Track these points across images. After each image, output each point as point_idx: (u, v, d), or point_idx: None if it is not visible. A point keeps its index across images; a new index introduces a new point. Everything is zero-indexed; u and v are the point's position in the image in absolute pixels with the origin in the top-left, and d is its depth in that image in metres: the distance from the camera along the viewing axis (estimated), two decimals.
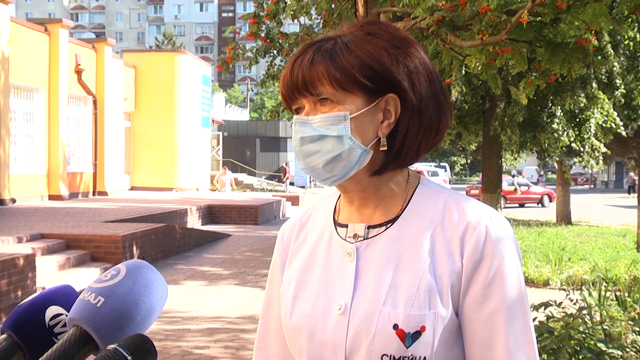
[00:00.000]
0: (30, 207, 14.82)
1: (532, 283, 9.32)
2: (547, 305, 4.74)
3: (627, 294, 6.41)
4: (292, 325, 1.19)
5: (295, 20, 7.12)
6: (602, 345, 4.33)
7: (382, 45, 1.13)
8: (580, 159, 14.41)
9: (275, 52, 8.81)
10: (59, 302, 0.86)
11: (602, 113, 12.21)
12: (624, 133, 13.20)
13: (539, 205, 30.77)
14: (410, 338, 1.08)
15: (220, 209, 17.31)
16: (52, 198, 17.09)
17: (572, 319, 4.63)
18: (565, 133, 12.46)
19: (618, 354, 4.36)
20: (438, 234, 1.13)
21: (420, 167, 36.92)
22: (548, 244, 13.32)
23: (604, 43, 8.71)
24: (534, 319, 3.87)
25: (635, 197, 13.88)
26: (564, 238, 14.97)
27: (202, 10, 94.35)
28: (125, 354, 0.75)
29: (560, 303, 5.23)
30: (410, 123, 1.15)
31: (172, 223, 13.09)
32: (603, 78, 11.48)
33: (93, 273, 8.82)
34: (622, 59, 11.57)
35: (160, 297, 0.84)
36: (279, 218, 19.81)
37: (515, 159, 22.68)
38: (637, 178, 17.11)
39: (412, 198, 1.18)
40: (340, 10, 6.12)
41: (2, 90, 14.87)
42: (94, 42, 21.04)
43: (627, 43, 11.47)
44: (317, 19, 8.03)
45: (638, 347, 4.92)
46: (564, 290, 7.67)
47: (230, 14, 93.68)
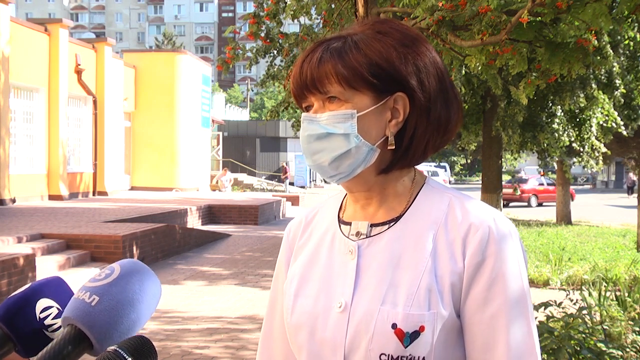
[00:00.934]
0: (30, 207, 14.82)
1: (532, 283, 9.32)
2: (547, 305, 4.74)
3: (627, 294, 6.41)
4: (292, 323, 1.19)
5: (295, 20, 7.11)
6: (602, 345, 4.33)
7: (391, 44, 1.13)
8: (580, 159, 14.41)
9: (275, 52, 8.81)
10: (50, 294, 0.87)
11: (602, 113, 12.21)
12: (624, 133, 13.20)
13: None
14: (409, 338, 1.07)
15: (220, 209, 17.31)
16: (52, 198, 17.09)
17: (572, 319, 4.63)
18: (566, 133, 12.46)
19: (618, 354, 4.36)
20: (441, 235, 1.13)
21: (420, 167, 36.89)
22: (548, 244, 13.33)
23: (604, 43, 8.71)
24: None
25: (635, 197, 13.87)
26: (564, 238, 14.98)
27: (202, 10, 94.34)
28: (126, 356, 0.75)
29: (560, 303, 5.23)
30: (419, 122, 1.14)
31: (172, 223, 13.09)
32: (603, 78, 11.48)
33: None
34: (622, 59, 11.57)
35: (154, 295, 0.85)
36: (279, 218, 19.81)
37: (516, 159, 22.67)
38: (636, 178, 17.11)
39: (416, 198, 1.18)
40: (340, 10, 6.12)
41: (2, 90, 14.87)
42: (94, 42, 21.04)
43: (627, 43, 11.46)
44: (317, 19, 8.02)
45: (638, 347, 4.92)
46: (564, 290, 7.67)
47: (230, 14, 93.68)
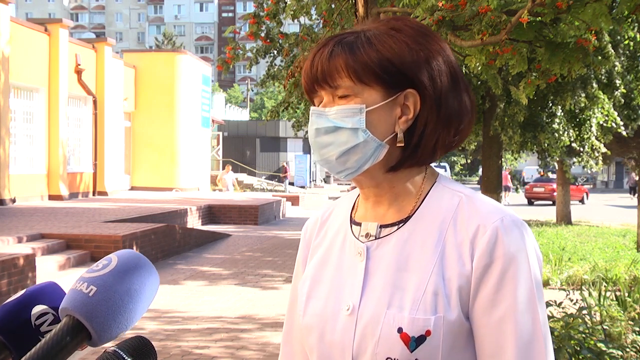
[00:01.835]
0: (30, 207, 14.82)
1: None
2: (547, 305, 4.74)
3: (627, 294, 6.41)
4: (304, 324, 1.19)
5: (295, 20, 7.11)
6: (602, 345, 4.34)
7: (404, 41, 1.12)
8: (580, 159, 14.41)
9: (276, 52, 8.81)
10: (45, 300, 0.86)
11: (602, 113, 12.20)
12: (624, 133, 13.20)
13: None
14: (415, 342, 1.06)
15: (220, 209, 17.31)
16: (52, 198, 17.09)
17: (572, 319, 4.64)
18: (566, 133, 12.46)
19: (618, 354, 4.36)
20: (449, 236, 1.11)
21: None
22: (548, 244, 13.32)
23: (604, 43, 8.70)
24: None
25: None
26: (564, 238, 14.98)
27: (202, 10, 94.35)
28: (125, 357, 0.75)
29: (560, 303, 5.23)
30: (429, 120, 1.13)
31: (172, 223, 13.09)
32: (603, 78, 11.48)
33: None
34: (622, 59, 11.57)
35: (152, 286, 0.84)
36: (279, 218, 19.81)
37: (516, 159, 22.66)
38: (638, 178, 17.11)
39: (426, 197, 1.16)
40: (340, 10, 6.12)
41: (2, 90, 14.87)
42: (94, 42, 21.05)
43: (627, 43, 11.46)
44: (317, 19, 8.02)
45: (638, 347, 4.93)
46: (564, 290, 7.67)
47: (230, 14, 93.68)
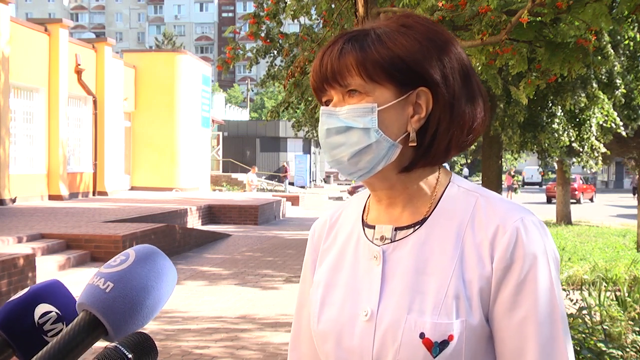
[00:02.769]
0: (30, 207, 14.82)
1: None
2: None
3: (627, 294, 6.41)
4: (319, 331, 1.16)
5: (295, 20, 7.11)
6: (602, 345, 4.34)
7: (415, 38, 1.10)
8: (580, 159, 14.40)
9: (276, 52, 8.82)
10: (48, 299, 0.86)
11: (602, 113, 12.20)
12: (624, 133, 13.19)
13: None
14: (438, 348, 1.04)
15: (220, 209, 17.31)
16: (52, 198, 17.09)
17: (572, 319, 4.64)
18: (566, 133, 12.46)
19: (618, 354, 4.36)
20: (468, 237, 1.08)
21: None
22: None
23: (604, 43, 8.71)
24: None
25: None
26: (564, 238, 14.98)
27: (202, 10, 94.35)
28: (126, 352, 0.75)
29: None
30: (442, 119, 1.10)
31: (172, 223, 13.09)
32: (603, 78, 11.48)
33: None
34: (622, 59, 11.57)
35: (170, 282, 0.84)
36: (279, 218, 19.81)
37: (516, 159, 22.67)
38: (638, 178, 17.11)
39: (441, 198, 1.13)
40: (340, 10, 6.12)
41: (2, 90, 14.87)
42: (94, 42, 21.05)
43: (627, 43, 11.46)
44: (317, 19, 8.03)
45: (638, 347, 4.93)
46: (564, 290, 7.67)
47: (230, 14, 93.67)
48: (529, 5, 4.45)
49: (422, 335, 1.04)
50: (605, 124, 12.39)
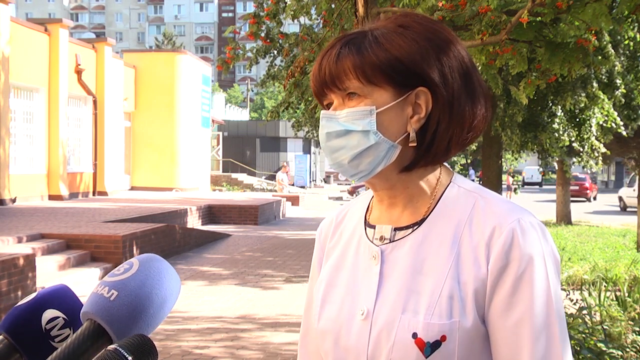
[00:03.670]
0: (30, 207, 14.82)
1: None
2: None
3: (627, 294, 6.41)
4: (319, 329, 1.18)
5: (295, 20, 7.11)
6: (602, 345, 4.34)
7: (413, 38, 1.10)
8: (580, 159, 14.40)
9: (276, 52, 8.82)
10: (56, 305, 0.86)
11: (602, 113, 12.20)
12: (624, 133, 13.19)
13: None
14: (430, 348, 1.04)
15: (220, 209, 17.31)
16: (52, 198, 17.09)
17: (572, 319, 4.64)
18: (566, 133, 12.46)
19: (618, 354, 4.36)
20: (465, 238, 1.08)
21: None
22: None
23: (604, 43, 8.71)
24: None
25: None
26: (564, 238, 14.98)
27: (202, 10, 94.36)
28: (126, 354, 0.75)
29: None
30: (441, 118, 1.10)
31: (172, 223, 13.09)
32: (603, 78, 11.48)
33: (93, 273, 8.82)
34: (622, 59, 11.57)
35: (173, 290, 0.84)
36: (279, 218, 19.81)
37: (516, 159, 22.68)
38: (638, 178, 17.11)
39: (440, 198, 1.14)
40: (340, 10, 6.12)
41: (2, 90, 14.87)
42: (94, 42, 21.04)
43: (627, 43, 11.46)
44: (317, 19, 8.02)
45: (638, 347, 4.93)
46: (564, 290, 7.67)
47: (230, 14, 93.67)
48: (529, 5, 4.45)
49: (414, 335, 1.05)
50: (606, 124, 12.39)
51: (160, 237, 10.88)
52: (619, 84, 11.55)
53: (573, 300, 5.64)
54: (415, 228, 1.12)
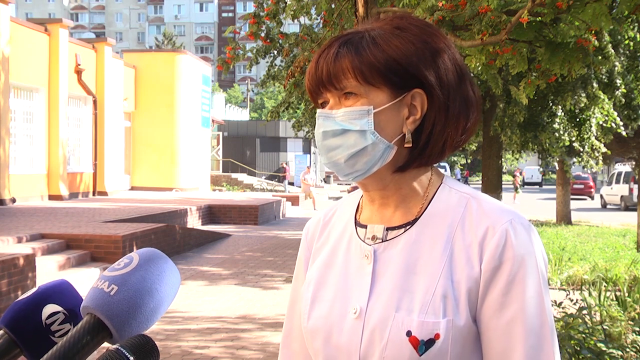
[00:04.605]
0: (30, 207, 14.82)
1: None
2: None
3: (627, 294, 6.41)
4: (309, 328, 1.18)
5: (295, 20, 7.11)
6: (602, 345, 4.34)
7: (410, 40, 1.11)
8: (580, 159, 14.40)
9: (276, 52, 8.81)
10: (56, 300, 0.86)
11: (602, 113, 12.21)
12: (624, 133, 13.20)
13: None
14: (424, 346, 1.05)
15: (220, 209, 17.31)
16: (52, 198, 17.10)
17: (572, 319, 4.64)
18: (566, 133, 12.46)
19: (618, 354, 4.37)
20: (457, 238, 1.10)
21: None
22: (548, 244, 13.32)
23: (604, 43, 8.71)
24: None
25: None
26: (564, 238, 14.97)
27: (202, 10, 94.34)
28: (128, 354, 0.75)
29: (560, 303, 5.23)
30: (437, 119, 1.12)
31: (172, 223, 13.10)
32: (603, 78, 11.48)
33: (93, 273, 8.82)
34: (622, 59, 11.57)
35: (173, 285, 0.84)
36: (279, 218, 19.81)
37: (517, 159, 22.66)
38: (637, 177, 17.11)
39: (432, 199, 1.15)
40: (340, 10, 6.12)
41: (2, 90, 14.87)
42: (94, 42, 21.04)
43: (627, 43, 11.47)
44: (317, 19, 8.03)
45: (638, 347, 4.93)
46: (564, 290, 7.67)
47: (230, 14, 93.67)
48: (529, 5, 4.45)
49: (408, 333, 1.05)
50: (606, 124, 12.40)
51: (160, 237, 10.88)
52: (619, 84, 11.55)
53: (573, 300, 5.64)
54: (408, 228, 1.13)
